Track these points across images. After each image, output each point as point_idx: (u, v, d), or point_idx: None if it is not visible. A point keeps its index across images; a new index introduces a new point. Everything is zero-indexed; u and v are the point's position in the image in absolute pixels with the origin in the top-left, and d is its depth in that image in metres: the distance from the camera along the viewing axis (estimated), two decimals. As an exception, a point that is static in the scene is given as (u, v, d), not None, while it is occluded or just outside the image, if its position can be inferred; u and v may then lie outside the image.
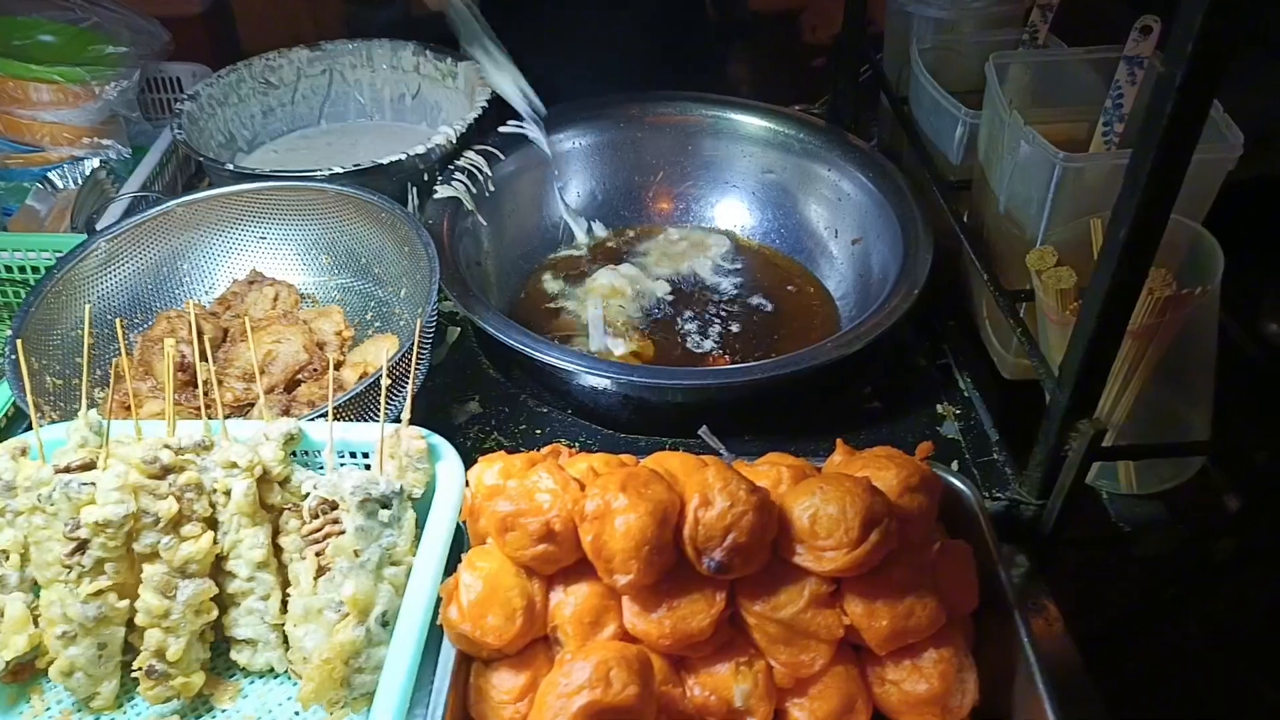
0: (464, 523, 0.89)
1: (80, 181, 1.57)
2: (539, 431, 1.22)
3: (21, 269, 1.33)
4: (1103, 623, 1.09)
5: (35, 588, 0.91)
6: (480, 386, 1.28)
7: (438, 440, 0.95)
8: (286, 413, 1.12)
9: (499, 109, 1.50)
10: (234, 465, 0.89)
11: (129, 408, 1.08)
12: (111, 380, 1.16)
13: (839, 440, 0.92)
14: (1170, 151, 0.73)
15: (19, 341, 0.99)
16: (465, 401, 1.25)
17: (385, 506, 0.87)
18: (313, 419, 0.98)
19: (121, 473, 0.86)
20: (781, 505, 0.81)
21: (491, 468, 0.87)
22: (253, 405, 1.14)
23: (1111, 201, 0.80)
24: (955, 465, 1.14)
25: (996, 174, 1.20)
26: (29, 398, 0.98)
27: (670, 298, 1.45)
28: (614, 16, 1.73)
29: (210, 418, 0.96)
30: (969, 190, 1.31)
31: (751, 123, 1.55)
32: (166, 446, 0.88)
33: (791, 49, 2.58)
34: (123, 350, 1.04)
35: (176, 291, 1.30)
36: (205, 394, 1.03)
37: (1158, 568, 1.13)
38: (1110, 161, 1.05)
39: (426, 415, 1.04)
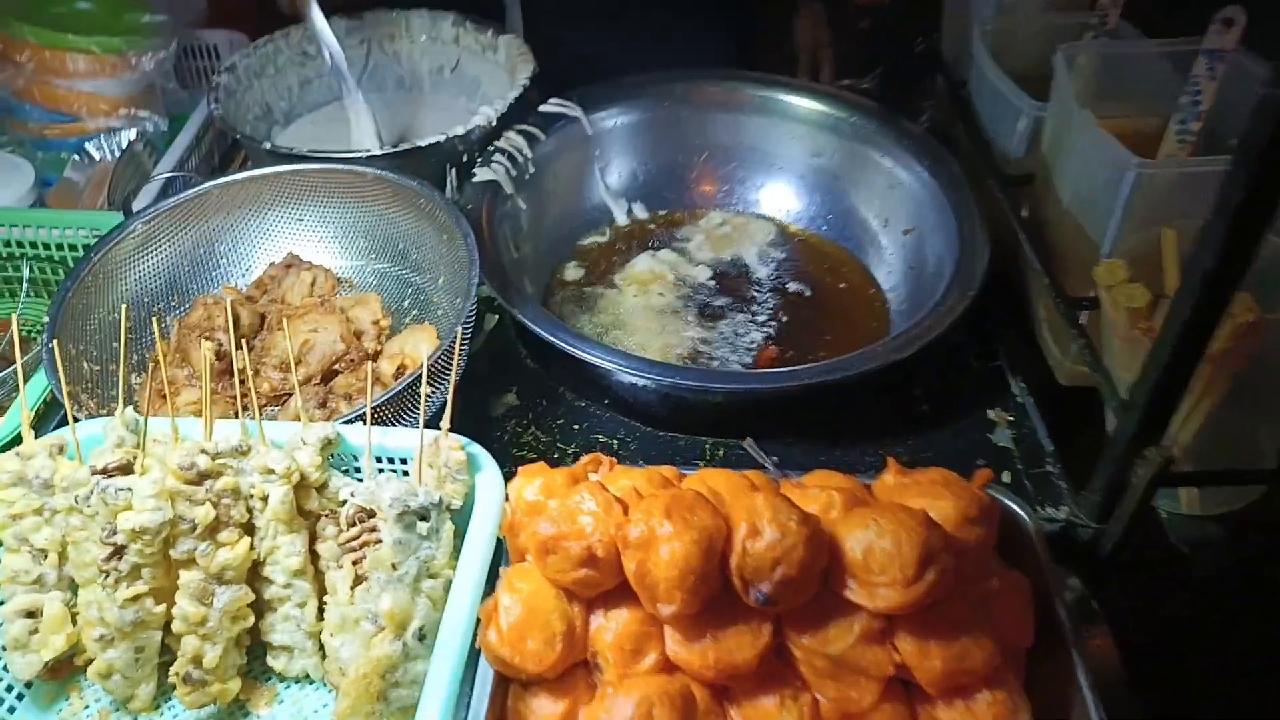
0: (503, 537, 0.87)
1: (117, 152, 1.55)
2: (577, 426, 1.19)
3: (59, 246, 1.32)
4: (1157, 642, 1.06)
5: (73, 586, 0.90)
6: (518, 377, 1.25)
7: (477, 450, 0.93)
8: (323, 405, 1.11)
9: (541, 87, 1.46)
10: (271, 472, 0.87)
11: (165, 395, 1.07)
12: (150, 367, 1.15)
13: (890, 459, 0.89)
14: (1269, 178, 0.68)
15: (55, 341, 0.98)
16: (503, 393, 1.23)
17: (424, 519, 0.85)
18: (350, 420, 0.97)
19: (158, 479, 0.85)
20: (833, 534, 0.78)
21: (531, 483, 0.85)
22: (289, 396, 1.13)
23: (1185, 206, 0.75)
24: (1007, 476, 1.10)
25: (1061, 171, 1.14)
26: (65, 390, 0.97)
27: (713, 284, 1.41)
28: None
29: (245, 408, 0.94)
30: (1029, 185, 1.25)
31: (801, 104, 1.48)
32: (204, 452, 0.87)
33: (836, 13, 2.48)
34: (157, 338, 1.02)
35: (213, 274, 1.28)
36: (241, 383, 1.01)
37: (1215, 588, 1.09)
38: (1187, 169, 0.99)
39: (463, 407, 1.02)
